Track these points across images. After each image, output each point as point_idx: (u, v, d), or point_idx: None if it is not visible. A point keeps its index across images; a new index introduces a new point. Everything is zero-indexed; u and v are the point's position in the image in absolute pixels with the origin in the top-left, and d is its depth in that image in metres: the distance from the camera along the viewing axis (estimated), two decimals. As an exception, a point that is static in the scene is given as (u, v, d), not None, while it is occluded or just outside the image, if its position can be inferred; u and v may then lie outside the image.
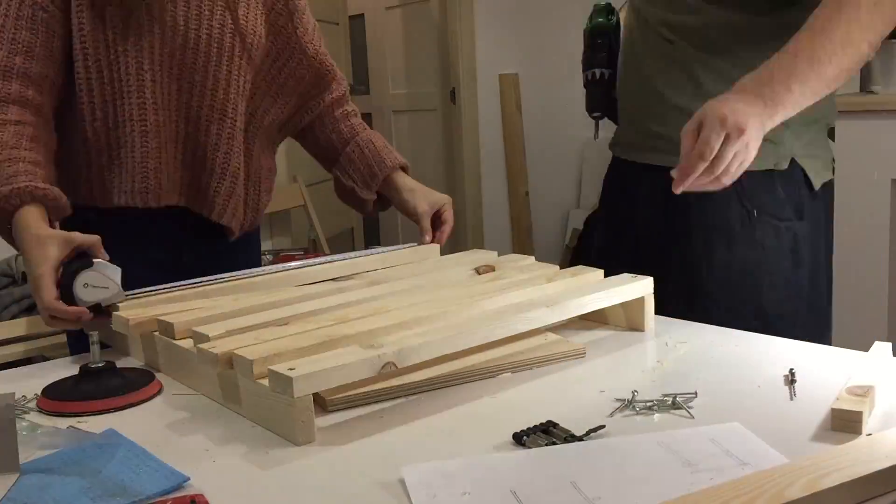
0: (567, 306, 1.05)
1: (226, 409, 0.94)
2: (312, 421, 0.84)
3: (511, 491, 0.71)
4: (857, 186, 2.48)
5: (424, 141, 4.70)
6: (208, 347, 0.93)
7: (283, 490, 0.75)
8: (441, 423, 0.88)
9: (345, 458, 0.81)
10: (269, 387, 0.85)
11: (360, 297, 1.12)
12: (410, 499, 0.71)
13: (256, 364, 0.87)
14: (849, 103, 2.48)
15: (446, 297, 1.10)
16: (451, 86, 4.36)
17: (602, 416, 0.86)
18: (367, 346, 0.89)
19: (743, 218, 1.28)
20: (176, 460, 0.79)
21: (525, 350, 1.03)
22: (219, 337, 0.96)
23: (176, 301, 1.14)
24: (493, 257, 1.33)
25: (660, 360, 1.03)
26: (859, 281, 2.50)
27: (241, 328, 0.99)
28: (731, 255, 1.28)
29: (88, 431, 0.89)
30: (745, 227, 1.28)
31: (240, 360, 0.88)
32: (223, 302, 1.13)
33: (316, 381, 0.83)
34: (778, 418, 0.84)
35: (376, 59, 4.99)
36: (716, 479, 0.70)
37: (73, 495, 0.73)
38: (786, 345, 1.07)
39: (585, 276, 1.18)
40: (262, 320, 1.03)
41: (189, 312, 1.08)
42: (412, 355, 0.90)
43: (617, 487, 0.71)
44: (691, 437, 0.79)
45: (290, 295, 1.16)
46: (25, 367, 1.17)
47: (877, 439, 0.74)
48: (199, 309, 1.09)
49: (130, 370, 1.05)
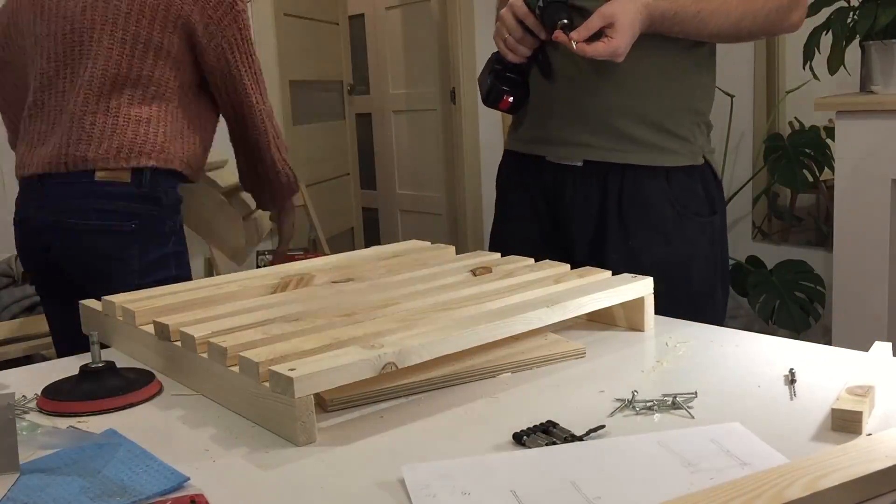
0: (567, 306, 1.05)
1: (226, 409, 0.94)
2: (313, 422, 0.84)
3: (511, 491, 0.71)
4: (857, 186, 2.48)
5: (424, 141, 4.70)
6: (218, 342, 0.93)
7: (283, 490, 0.75)
8: (441, 423, 0.88)
9: (344, 457, 0.81)
10: (269, 388, 0.84)
11: (359, 297, 1.12)
12: (410, 499, 0.71)
13: (262, 366, 0.86)
14: (849, 103, 2.48)
15: (446, 297, 1.10)
16: (451, 86, 4.36)
17: (602, 416, 0.86)
18: (368, 346, 0.89)
19: (675, 218, 1.43)
20: (176, 460, 0.79)
21: (525, 350, 1.03)
22: (213, 335, 0.96)
23: (177, 301, 1.14)
24: (495, 258, 1.33)
25: (660, 360, 1.03)
26: (859, 281, 2.50)
27: (238, 327, 0.99)
28: (668, 251, 1.43)
29: (88, 431, 0.89)
30: (676, 225, 1.43)
31: (245, 361, 0.88)
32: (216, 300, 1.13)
33: (317, 382, 0.83)
34: (778, 418, 0.84)
35: (376, 59, 4.99)
36: (716, 479, 0.70)
37: (73, 495, 0.73)
38: (786, 345, 1.07)
39: (592, 276, 1.17)
40: (263, 318, 1.03)
41: (187, 314, 1.08)
42: (413, 356, 0.89)
43: (617, 487, 0.71)
44: (691, 437, 0.79)
45: (290, 296, 1.16)
46: (25, 367, 1.17)
47: (877, 439, 0.74)
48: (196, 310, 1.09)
49: (130, 370, 1.05)
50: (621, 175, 1.43)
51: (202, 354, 0.96)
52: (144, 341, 1.10)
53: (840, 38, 2.56)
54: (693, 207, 1.45)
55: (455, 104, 4.35)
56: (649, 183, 1.42)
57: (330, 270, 1.29)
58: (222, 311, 1.09)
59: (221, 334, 0.97)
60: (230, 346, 0.92)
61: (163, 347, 1.05)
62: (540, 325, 1.03)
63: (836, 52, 2.57)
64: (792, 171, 3.13)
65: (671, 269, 1.40)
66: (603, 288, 1.10)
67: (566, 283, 1.14)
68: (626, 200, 1.43)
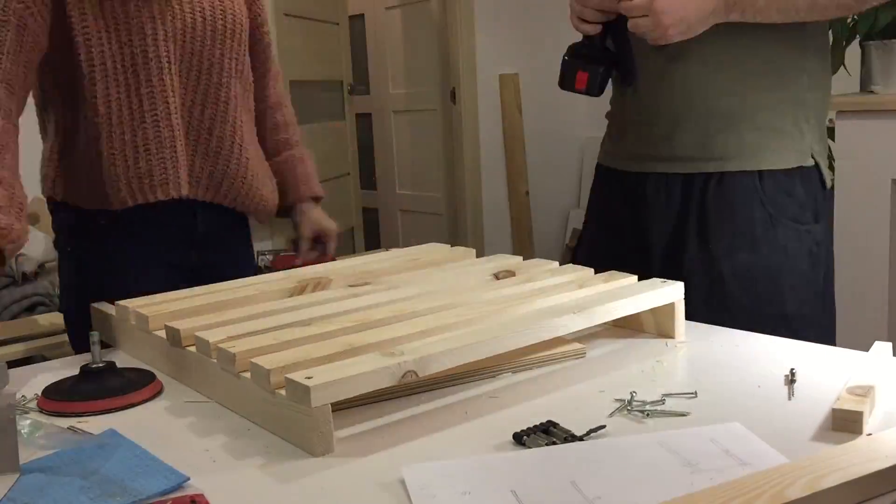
0: (594, 312, 1.01)
1: (225, 409, 0.94)
2: (331, 431, 0.81)
3: (511, 491, 0.71)
4: (857, 186, 2.48)
5: (424, 141, 4.70)
6: (228, 347, 0.91)
7: (282, 489, 0.75)
8: (441, 423, 0.88)
9: (344, 457, 0.81)
10: (286, 396, 0.82)
11: (377, 301, 1.10)
12: (410, 499, 0.71)
13: (274, 374, 0.84)
14: (849, 103, 2.48)
15: (468, 302, 1.07)
16: (451, 86, 4.36)
17: (602, 416, 0.86)
18: (388, 353, 0.86)
19: (765, 221, 1.27)
20: (176, 460, 0.79)
21: (525, 350, 1.03)
22: (228, 339, 0.95)
23: (192, 306, 1.13)
24: (517, 261, 1.29)
25: (660, 360, 1.03)
26: (859, 281, 2.50)
27: (255, 331, 0.98)
28: (754, 259, 1.27)
29: (88, 431, 0.89)
30: (766, 230, 1.27)
31: (256, 368, 0.86)
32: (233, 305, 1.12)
33: (334, 391, 0.80)
34: (778, 418, 0.84)
35: (376, 59, 4.99)
36: (716, 479, 0.70)
37: (73, 495, 0.73)
38: (786, 345, 1.07)
39: (619, 280, 1.13)
40: (278, 323, 1.01)
41: (199, 318, 1.06)
42: (434, 363, 0.86)
43: (617, 487, 0.71)
44: (691, 437, 0.79)
45: (307, 300, 1.14)
46: (25, 367, 1.17)
47: (877, 439, 0.74)
48: (209, 315, 1.08)
49: (130, 370, 1.05)
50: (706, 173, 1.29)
51: (214, 360, 0.95)
52: (156, 346, 1.08)
53: (840, 38, 2.56)
54: (790, 212, 1.28)
55: (455, 104, 4.35)
56: (736, 180, 1.28)
57: (347, 274, 1.27)
58: (236, 315, 1.07)
59: (234, 339, 0.95)
60: (240, 352, 0.90)
61: (175, 353, 1.04)
62: (566, 332, 1.00)
63: (836, 52, 2.56)
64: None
65: (756, 280, 1.26)
66: (631, 293, 1.06)
67: (592, 288, 1.10)
68: (710, 199, 1.28)
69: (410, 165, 4.86)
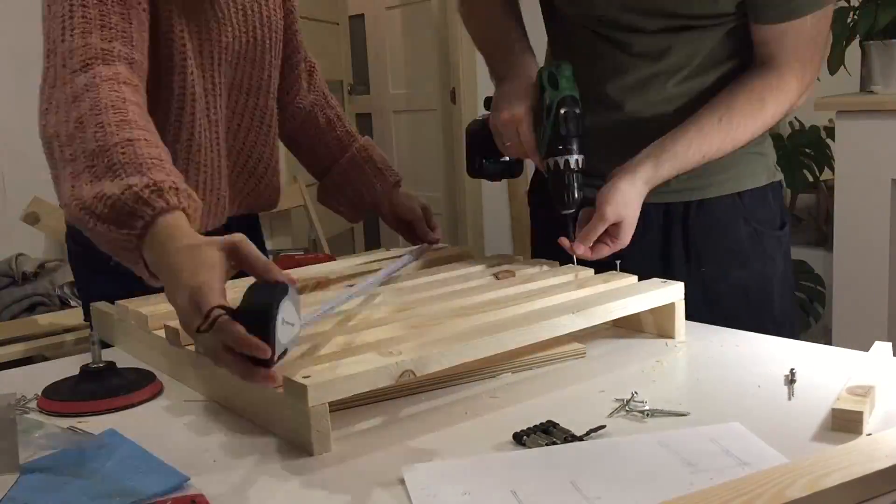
0: (594, 312, 1.01)
1: (225, 409, 0.94)
2: (328, 430, 0.81)
3: (511, 491, 0.71)
4: (857, 186, 2.48)
5: (424, 141, 4.70)
6: None
7: (282, 488, 0.75)
8: (441, 423, 0.88)
9: (344, 457, 0.81)
10: (284, 395, 0.82)
11: (376, 301, 1.09)
12: (410, 499, 0.71)
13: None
14: (849, 103, 2.48)
15: (466, 301, 1.07)
16: (451, 86, 4.36)
17: (602, 416, 0.86)
18: (385, 353, 0.86)
19: (752, 236, 1.30)
20: (176, 460, 0.79)
21: (525, 350, 1.03)
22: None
23: None
24: (517, 262, 1.29)
25: (660, 360, 1.03)
26: (859, 281, 2.50)
27: None
28: (747, 273, 1.30)
29: (88, 431, 0.89)
30: (755, 245, 1.30)
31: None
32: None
33: (332, 390, 0.80)
34: (778, 418, 0.84)
35: (376, 59, 4.99)
36: (716, 479, 0.70)
37: (73, 495, 0.73)
38: (786, 345, 1.07)
39: (618, 280, 1.13)
40: None
41: None
42: (432, 363, 0.86)
43: (617, 487, 0.71)
44: (691, 437, 0.79)
45: (307, 300, 1.12)
46: (25, 367, 1.17)
47: (877, 439, 0.74)
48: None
49: (130, 370, 1.05)
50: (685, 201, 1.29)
51: None
52: (156, 346, 1.08)
53: (840, 38, 2.56)
54: (768, 223, 1.31)
55: (455, 104, 4.35)
56: (718, 202, 1.29)
57: (347, 274, 1.26)
58: None
59: None
60: None
61: (174, 353, 1.04)
62: (565, 331, 1.00)
63: (837, 52, 2.57)
64: (792, 171, 3.12)
65: (750, 291, 1.28)
66: (631, 293, 1.06)
67: (592, 288, 1.10)
68: (694, 223, 1.29)
69: (410, 165, 4.86)
